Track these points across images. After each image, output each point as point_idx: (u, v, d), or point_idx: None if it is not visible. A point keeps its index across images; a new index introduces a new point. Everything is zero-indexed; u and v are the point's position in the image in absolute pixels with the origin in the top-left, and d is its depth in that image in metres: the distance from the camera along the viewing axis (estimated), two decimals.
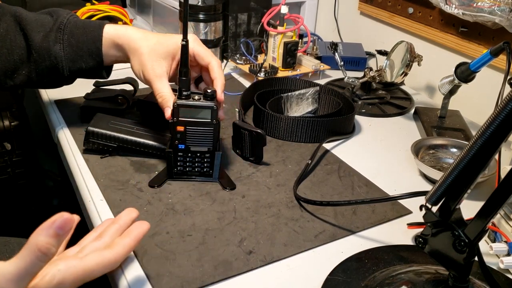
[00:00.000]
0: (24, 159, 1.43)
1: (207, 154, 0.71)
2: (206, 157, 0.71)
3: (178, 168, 0.72)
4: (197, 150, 0.70)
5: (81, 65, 0.77)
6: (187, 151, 0.70)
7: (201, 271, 0.56)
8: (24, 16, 0.76)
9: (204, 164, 0.72)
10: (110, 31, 0.76)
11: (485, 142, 0.44)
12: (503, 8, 0.85)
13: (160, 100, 0.71)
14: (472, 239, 0.46)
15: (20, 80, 0.78)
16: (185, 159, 0.71)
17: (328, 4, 1.40)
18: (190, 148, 0.70)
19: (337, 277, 0.56)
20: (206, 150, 0.70)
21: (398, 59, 0.98)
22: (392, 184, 0.76)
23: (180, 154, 0.71)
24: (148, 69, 0.72)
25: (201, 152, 0.70)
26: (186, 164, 0.71)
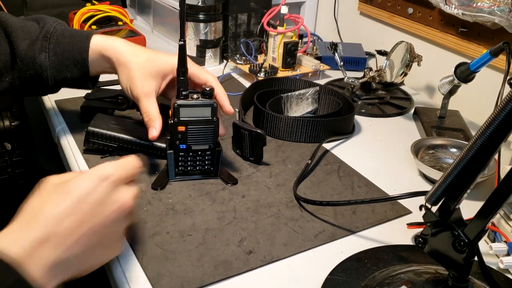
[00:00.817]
0: (24, 159, 1.43)
1: (208, 151, 0.71)
2: (207, 155, 0.71)
3: (179, 169, 0.72)
4: (198, 149, 0.71)
5: (66, 74, 0.76)
6: (188, 151, 0.71)
7: (201, 271, 0.56)
8: (10, 22, 0.75)
9: (205, 162, 0.72)
10: (98, 42, 0.74)
11: (484, 142, 0.44)
12: (503, 8, 0.85)
13: (146, 119, 0.71)
14: (472, 239, 0.46)
15: (3, 87, 0.76)
16: (187, 159, 0.71)
17: (328, 4, 1.40)
18: (191, 147, 0.70)
19: (337, 277, 0.57)
20: (207, 148, 0.71)
21: (398, 59, 0.98)
22: (392, 184, 0.76)
23: (182, 154, 0.71)
24: (137, 86, 0.71)
25: (202, 150, 0.71)
26: (188, 164, 0.72)
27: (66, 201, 0.46)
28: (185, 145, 0.70)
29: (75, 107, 0.91)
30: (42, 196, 0.48)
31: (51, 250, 0.44)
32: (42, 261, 0.44)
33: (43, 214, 0.45)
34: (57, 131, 0.86)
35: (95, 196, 0.47)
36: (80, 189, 0.47)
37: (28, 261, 0.43)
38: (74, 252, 0.46)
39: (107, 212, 0.48)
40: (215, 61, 1.19)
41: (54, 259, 0.44)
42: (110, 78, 0.98)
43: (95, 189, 0.48)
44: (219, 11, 1.14)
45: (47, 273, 0.44)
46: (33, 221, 0.45)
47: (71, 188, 0.47)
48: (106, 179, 0.48)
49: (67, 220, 0.45)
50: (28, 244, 0.43)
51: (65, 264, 0.46)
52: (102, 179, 0.48)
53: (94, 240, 0.47)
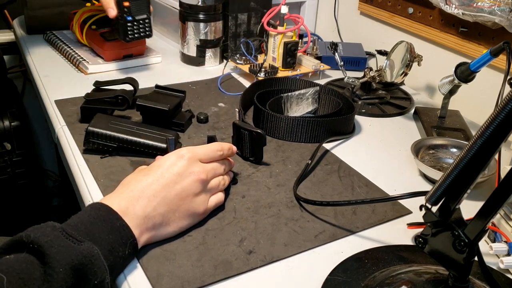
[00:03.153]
0: (24, 159, 1.43)
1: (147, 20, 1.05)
2: (146, 23, 1.05)
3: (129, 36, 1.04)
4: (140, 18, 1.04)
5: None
6: (133, 21, 1.03)
7: (201, 271, 0.56)
8: None
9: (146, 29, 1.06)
10: None
11: (485, 142, 0.44)
12: (503, 8, 0.85)
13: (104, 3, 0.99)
14: (472, 239, 0.46)
15: None
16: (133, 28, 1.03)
17: (328, 4, 1.40)
18: (135, 17, 1.03)
19: (337, 277, 0.57)
20: (145, 17, 1.04)
21: (398, 59, 0.98)
22: (392, 184, 0.76)
23: (129, 25, 1.02)
24: None
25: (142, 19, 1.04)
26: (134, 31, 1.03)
27: (154, 172, 0.60)
28: (131, 16, 1.01)
29: (75, 107, 0.90)
30: (135, 173, 0.63)
31: (142, 206, 0.57)
32: (136, 215, 0.56)
33: (137, 182, 0.59)
34: (57, 131, 0.86)
35: (175, 168, 0.61)
36: (164, 163, 0.61)
37: (126, 214, 0.55)
38: (160, 211, 0.58)
39: (185, 180, 0.60)
40: (215, 61, 1.19)
41: (145, 213, 0.57)
42: (110, 78, 0.98)
43: (175, 163, 0.61)
44: (219, 11, 1.14)
45: (139, 226, 0.56)
46: (125, 189, 0.58)
47: (157, 164, 0.62)
48: (183, 156, 0.62)
49: (154, 185, 0.59)
50: (125, 202, 0.56)
51: (154, 221, 0.57)
52: (179, 156, 0.62)
53: (175, 202, 0.59)
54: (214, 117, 0.93)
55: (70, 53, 1.15)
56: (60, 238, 0.48)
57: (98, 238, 0.52)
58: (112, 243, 0.53)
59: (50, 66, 1.12)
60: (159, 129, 0.80)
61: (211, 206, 0.65)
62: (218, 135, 0.86)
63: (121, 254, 0.54)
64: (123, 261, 0.55)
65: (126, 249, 0.54)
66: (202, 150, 0.65)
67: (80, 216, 0.54)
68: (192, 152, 0.63)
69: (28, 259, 0.46)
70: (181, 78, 1.10)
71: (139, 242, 0.56)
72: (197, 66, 1.18)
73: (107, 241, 0.52)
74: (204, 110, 0.94)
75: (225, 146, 0.68)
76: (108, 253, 0.52)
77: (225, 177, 0.69)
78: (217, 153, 0.66)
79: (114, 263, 0.53)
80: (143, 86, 0.98)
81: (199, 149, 0.64)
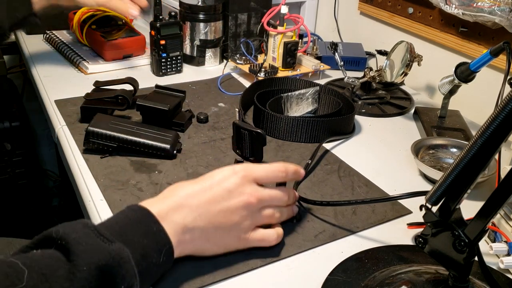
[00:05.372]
0: (24, 159, 1.43)
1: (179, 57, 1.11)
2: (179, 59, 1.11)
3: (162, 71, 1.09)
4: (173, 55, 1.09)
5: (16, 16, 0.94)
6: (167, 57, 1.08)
7: (201, 271, 0.56)
8: None
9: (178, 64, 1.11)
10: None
11: (485, 142, 0.44)
12: (503, 8, 0.85)
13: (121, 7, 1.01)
14: (472, 239, 0.46)
15: None
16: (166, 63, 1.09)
17: (328, 4, 1.40)
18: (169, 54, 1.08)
19: (337, 277, 0.56)
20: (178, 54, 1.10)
21: (398, 59, 0.98)
22: (392, 184, 0.76)
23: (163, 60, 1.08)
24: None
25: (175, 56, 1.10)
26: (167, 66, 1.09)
27: (203, 182, 0.56)
28: (165, 53, 1.07)
29: (75, 107, 0.90)
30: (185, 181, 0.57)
31: (183, 216, 0.53)
32: (174, 222, 0.52)
33: (182, 190, 0.55)
34: (57, 131, 0.86)
35: (227, 183, 0.56)
36: (216, 176, 0.57)
37: (165, 219, 0.52)
38: (201, 224, 0.54)
39: (233, 199, 0.55)
40: (215, 61, 1.19)
41: (185, 224, 0.53)
42: (110, 78, 0.98)
43: (227, 178, 0.56)
44: (219, 11, 1.14)
45: (177, 234, 0.52)
46: (171, 195, 0.55)
47: (209, 175, 0.57)
48: (237, 173, 0.56)
49: (200, 196, 0.55)
50: (165, 208, 0.53)
51: (192, 233, 0.54)
52: (234, 172, 0.57)
53: (220, 221, 0.55)
54: (214, 117, 0.93)
55: (70, 53, 1.15)
56: (89, 236, 0.45)
57: (131, 240, 0.48)
58: (146, 247, 0.49)
59: (50, 66, 1.12)
60: (159, 129, 0.80)
61: (253, 239, 0.58)
62: (218, 135, 0.86)
63: (155, 260, 0.50)
64: (157, 269, 0.51)
65: (160, 256, 0.50)
66: (260, 169, 0.58)
67: (116, 216, 0.51)
68: (249, 170, 0.57)
69: (54, 255, 0.44)
70: (181, 78, 1.10)
71: (175, 251, 0.52)
72: (197, 66, 1.18)
73: (141, 244, 0.49)
74: (204, 110, 0.94)
75: (290, 168, 0.60)
76: (140, 258, 0.48)
77: (283, 210, 0.60)
78: (279, 174, 0.59)
79: (146, 269, 0.49)
80: (143, 86, 0.98)
81: (257, 168, 0.58)
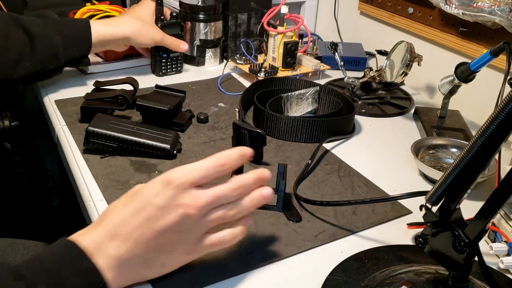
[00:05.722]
0: (24, 159, 1.43)
1: (179, 57, 1.11)
2: (179, 59, 1.11)
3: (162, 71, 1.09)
4: (174, 56, 1.10)
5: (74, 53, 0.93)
6: (167, 58, 1.09)
7: (201, 271, 0.56)
8: (18, 16, 0.90)
9: (178, 64, 1.11)
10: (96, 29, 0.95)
11: (485, 142, 0.44)
12: (503, 8, 0.85)
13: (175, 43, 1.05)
14: (472, 239, 0.46)
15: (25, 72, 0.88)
16: (167, 63, 1.09)
17: (328, 4, 1.40)
18: (170, 54, 1.09)
19: (337, 277, 0.56)
20: (179, 54, 1.10)
21: (398, 59, 0.98)
22: (392, 184, 0.76)
23: (164, 61, 1.09)
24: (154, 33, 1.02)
25: (176, 56, 1.10)
26: (168, 66, 1.09)
27: (135, 202, 0.49)
28: (166, 54, 1.08)
29: (75, 107, 0.90)
30: (120, 198, 0.51)
31: (116, 246, 0.48)
32: (108, 256, 0.47)
33: (112, 215, 0.49)
34: (57, 131, 0.86)
35: (159, 200, 0.48)
36: (147, 192, 0.49)
37: (97, 253, 0.47)
38: (139, 252, 0.49)
39: (169, 216, 0.48)
40: (215, 61, 1.19)
41: (120, 255, 0.48)
42: (110, 78, 0.98)
43: (159, 193, 0.48)
44: (219, 11, 1.14)
45: (113, 269, 0.47)
46: (103, 221, 0.49)
47: (141, 191, 0.50)
48: (170, 183, 0.48)
49: (132, 221, 0.48)
50: (96, 239, 0.48)
51: (130, 263, 0.49)
52: (166, 183, 0.48)
53: (159, 243, 0.49)
54: (214, 117, 0.93)
55: None
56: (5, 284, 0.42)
57: (59, 281, 0.44)
58: (76, 287, 0.45)
59: None
60: (159, 129, 0.80)
61: (205, 247, 0.52)
62: (218, 135, 0.86)
63: None
64: None
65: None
66: (196, 171, 0.49)
67: (44, 253, 0.47)
68: (183, 177, 0.48)
69: None
70: (181, 78, 1.10)
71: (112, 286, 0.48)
72: (197, 66, 1.18)
73: (70, 284, 0.45)
74: (204, 110, 0.94)
75: (232, 155, 0.51)
76: None
77: (240, 203, 0.52)
78: (220, 169, 0.50)
79: None
80: (143, 86, 0.98)
81: (193, 170, 0.49)
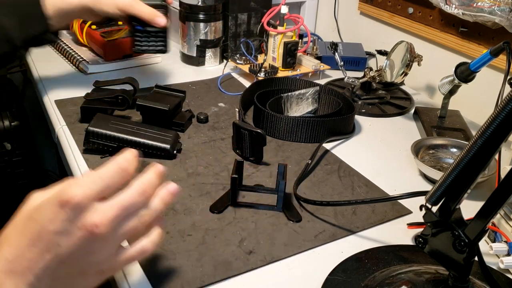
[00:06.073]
0: (24, 159, 1.43)
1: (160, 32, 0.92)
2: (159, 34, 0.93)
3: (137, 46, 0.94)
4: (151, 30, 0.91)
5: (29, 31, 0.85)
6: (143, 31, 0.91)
7: (201, 271, 0.56)
8: None
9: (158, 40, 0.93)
10: None
11: (485, 142, 0.44)
12: (503, 8, 0.85)
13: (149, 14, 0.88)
14: (472, 239, 0.46)
15: None
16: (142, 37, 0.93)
17: (328, 4, 1.40)
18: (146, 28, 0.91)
19: (337, 277, 0.56)
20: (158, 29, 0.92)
21: (398, 59, 0.98)
22: (392, 184, 0.76)
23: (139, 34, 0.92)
24: None
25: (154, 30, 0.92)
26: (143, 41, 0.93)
27: (28, 231, 0.42)
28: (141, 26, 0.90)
29: (75, 107, 0.90)
30: (14, 222, 0.44)
31: (17, 282, 0.41)
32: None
33: (6, 248, 0.42)
34: (57, 131, 0.86)
35: (56, 225, 0.41)
36: (42, 217, 0.41)
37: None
38: (45, 284, 0.42)
39: (72, 241, 0.41)
40: (215, 61, 1.19)
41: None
42: (110, 78, 0.98)
43: (56, 216, 0.41)
44: (219, 11, 1.14)
45: None
46: (3, 247, 0.42)
47: (34, 216, 0.42)
48: (67, 203, 0.41)
49: (30, 252, 0.41)
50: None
51: None
52: (62, 204, 0.41)
53: (67, 271, 0.43)
54: (214, 117, 0.93)
55: (70, 53, 1.15)
56: None
57: None
58: None
59: (50, 66, 1.11)
60: (159, 129, 0.80)
61: (125, 261, 0.46)
62: (218, 135, 0.86)
63: None
64: None
65: None
66: (98, 184, 0.42)
67: None
68: (83, 193, 0.41)
69: None
70: (181, 78, 1.10)
71: None
72: (197, 66, 1.18)
73: None
74: (204, 110, 0.94)
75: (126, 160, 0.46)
76: None
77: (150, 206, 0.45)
78: (120, 176, 0.44)
79: None
80: (143, 86, 0.98)
81: (94, 183, 0.42)
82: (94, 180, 0.42)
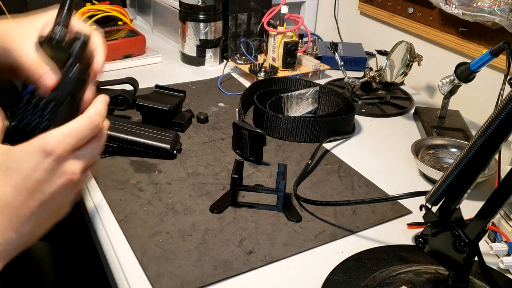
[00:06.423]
0: None
1: None
2: None
3: None
4: None
5: None
6: None
7: (201, 271, 0.56)
8: None
9: None
10: None
11: (485, 142, 0.44)
12: (503, 8, 0.85)
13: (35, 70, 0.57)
14: (472, 239, 0.46)
15: None
16: None
17: (328, 4, 1.40)
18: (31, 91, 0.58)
19: (337, 277, 0.56)
20: None
21: (398, 59, 0.98)
22: (392, 184, 0.76)
23: None
24: None
25: None
26: None
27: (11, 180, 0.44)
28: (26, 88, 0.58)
29: None
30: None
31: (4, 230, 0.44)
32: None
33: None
34: None
35: (39, 174, 0.44)
36: (24, 166, 0.44)
37: None
38: (25, 230, 0.46)
39: (53, 187, 0.46)
40: (215, 61, 1.19)
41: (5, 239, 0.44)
42: (110, 78, 0.98)
43: (39, 166, 0.44)
44: (219, 11, 1.14)
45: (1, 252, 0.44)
46: None
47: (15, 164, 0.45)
48: (49, 154, 0.45)
49: (15, 200, 0.44)
50: None
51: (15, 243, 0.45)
52: (45, 155, 0.44)
53: (44, 215, 0.47)
54: (214, 117, 0.93)
55: None
56: None
57: None
58: None
59: None
60: (159, 129, 0.80)
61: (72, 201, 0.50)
62: (218, 135, 0.86)
63: None
64: None
65: None
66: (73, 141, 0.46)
67: None
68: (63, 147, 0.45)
69: None
70: (181, 78, 1.10)
71: None
72: (197, 66, 1.18)
73: None
74: (204, 110, 0.94)
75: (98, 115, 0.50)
76: None
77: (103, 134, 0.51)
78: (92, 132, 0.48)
79: None
80: (143, 86, 0.98)
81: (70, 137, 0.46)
82: (71, 134, 0.47)
